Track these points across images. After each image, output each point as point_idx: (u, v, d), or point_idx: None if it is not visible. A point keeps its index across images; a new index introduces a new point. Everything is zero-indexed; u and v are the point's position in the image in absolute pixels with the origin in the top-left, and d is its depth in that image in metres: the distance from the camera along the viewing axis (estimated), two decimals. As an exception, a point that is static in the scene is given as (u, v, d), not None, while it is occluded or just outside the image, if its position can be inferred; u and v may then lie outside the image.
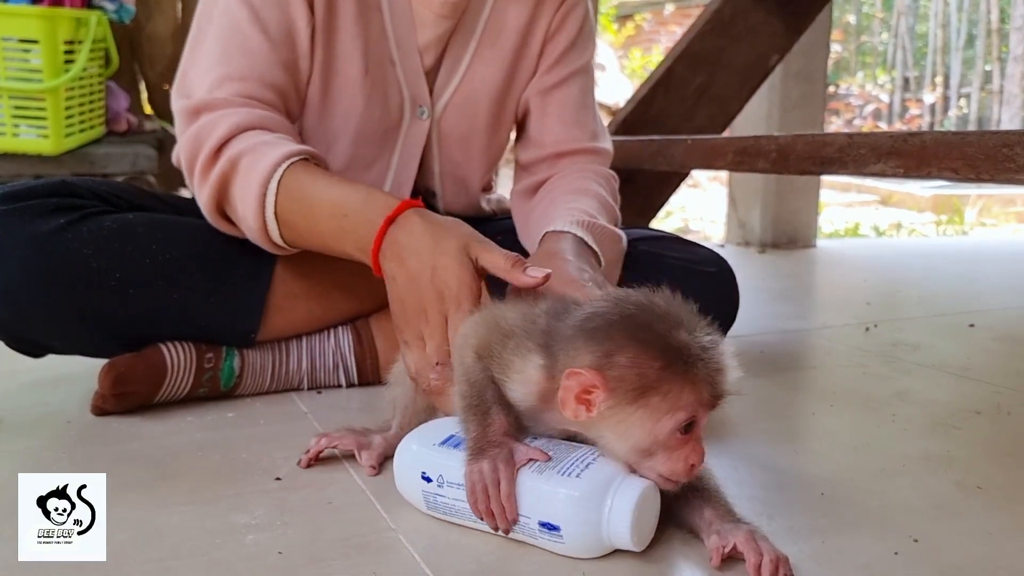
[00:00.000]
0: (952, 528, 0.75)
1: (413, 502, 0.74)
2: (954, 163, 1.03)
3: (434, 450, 0.73)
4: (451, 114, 1.13)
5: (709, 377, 0.64)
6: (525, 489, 0.67)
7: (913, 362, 1.33)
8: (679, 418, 0.63)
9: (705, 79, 1.90)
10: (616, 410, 0.64)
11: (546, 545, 0.67)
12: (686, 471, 0.66)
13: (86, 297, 0.96)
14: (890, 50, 9.57)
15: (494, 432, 0.68)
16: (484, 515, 0.67)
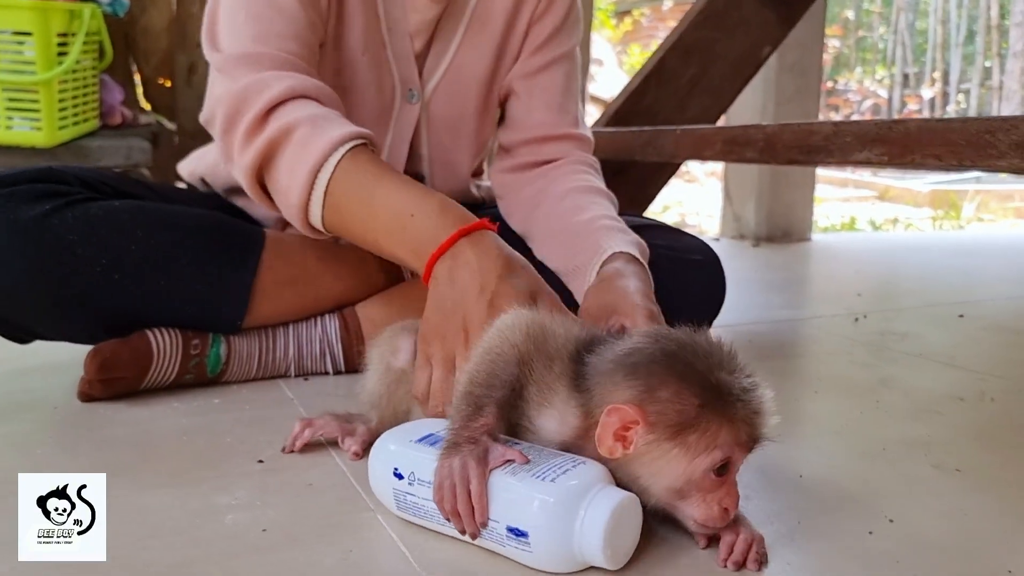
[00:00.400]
0: (928, 508, 0.75)
1: (385, 502, 0.71)
2: (937, 150, 1.04)
3: (409, 446, 0.69)
4: (440, 98, 1.13)
5: (748, 418, 0.63)
6: (495, 491, 0.62)
7: (900, 351, 1.34)
8: (715, 457, 0.62)
9: (697, 70, 1.90)
10: (653, 447, 0.62)
11: (513, 554, 0.63)
12: (720, 516, 0.63)
13: (72, 283, 0.97)
14: (889, 46, 9.56)
15: (476, 428, 0.64)
16: (451, 515, 0.63)
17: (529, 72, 1.15)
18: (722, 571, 0.64)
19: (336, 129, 0.87)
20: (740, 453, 0.64)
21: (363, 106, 1.09)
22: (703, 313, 1.14)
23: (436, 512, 0.65)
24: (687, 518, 0.64)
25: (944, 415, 1.01)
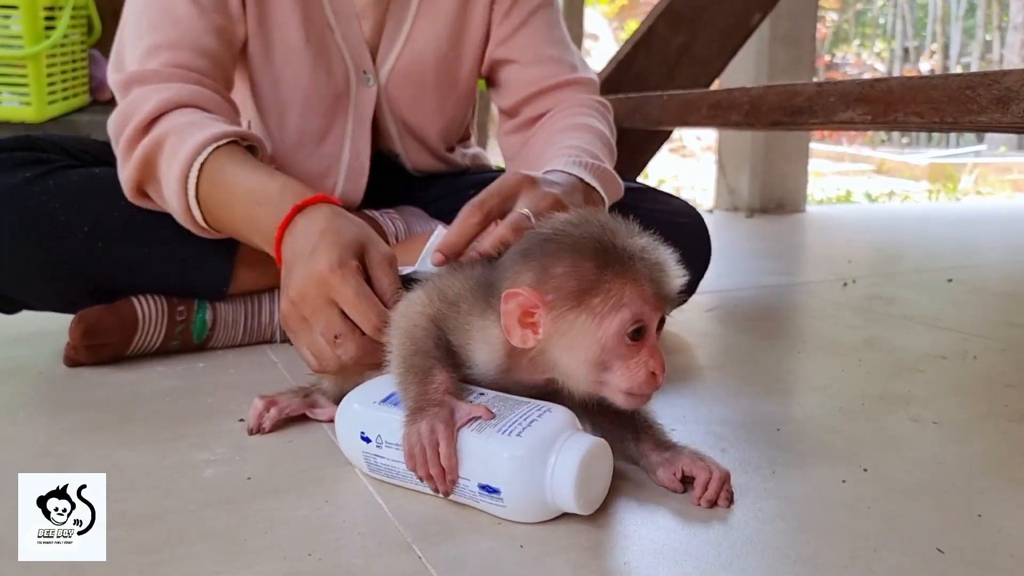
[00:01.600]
0: (902, 458, 0.76)
1: (356, 464, 0.71)
2: (920, 107, 1.03)
3: (373, 408, 0.69)
4: (398, 78, 1.12)
5: (651, 275, 0.62)
6: (464, 450, 0.62)
7: (886, 313, 1.34)
8: (624, 318, 0.60)
9: (686, 38, 1.89)
10: (560, 323, 0.61)
11: (488, 509, 0.63)
12: (647, 380, 0.62)
13: (54, 250, 0.97)
14: (889, 19, 9.49)
15: (435, 390, 0.64)
16: (424, 478, 0.63)
17: (507, 35, 1.14)
18: (691, 512, 0.64)
19: (203, 131, 0.89)
20: (651, 313, 0.62)
21: (314, 94, 1.09)
22: (690, 271, 1.14)
23: (408, 473, 0.65)
24: (617, 393, 0.63)
25: (925, 372, 1.02)
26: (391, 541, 0.60)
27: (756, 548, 0.59)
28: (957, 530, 0.62)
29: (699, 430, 0.82)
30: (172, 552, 0.58)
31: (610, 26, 7.27)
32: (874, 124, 1.12)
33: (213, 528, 0.61)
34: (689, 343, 1.18)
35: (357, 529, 0.62)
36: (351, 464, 0.73)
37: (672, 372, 1.02)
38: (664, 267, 0.63)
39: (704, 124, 1.42)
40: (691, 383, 1.01)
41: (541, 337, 0.62)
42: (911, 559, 0.58)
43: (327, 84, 1.09)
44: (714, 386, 0.98)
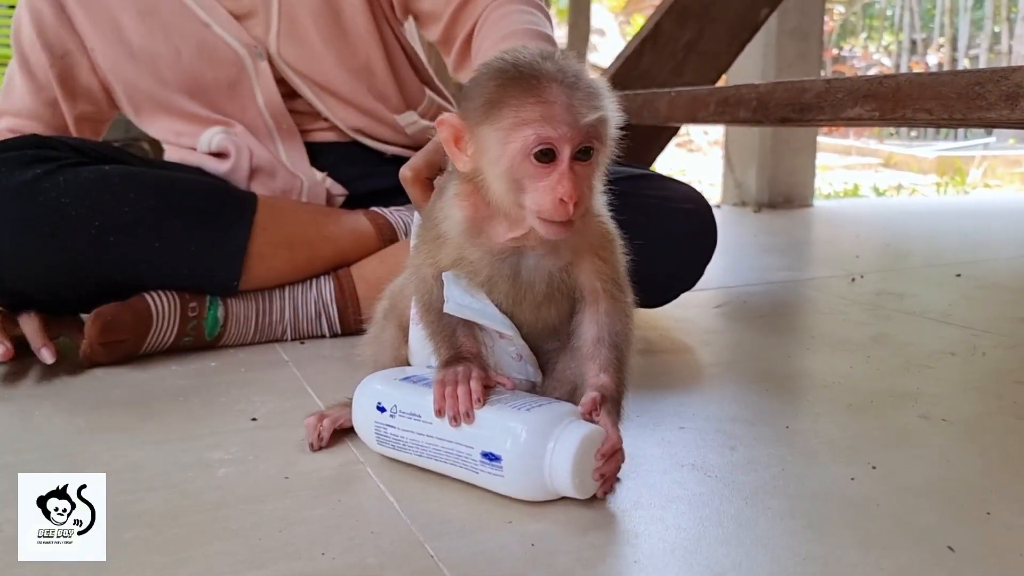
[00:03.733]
0: (911, 456, 0.76)
1: (366, 438, 0.73)
2: (928, 104, 1.03)
3: (393, 383, 0.73)
4: (286, 45, 1.17)
5: (564, 96, 0.60)
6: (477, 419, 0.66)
7: (895, 309, 1.34)
8: (526, 135, 0.60)
9: (694, 34, 1.88)
10: (478, 140, 0.63)
11: (486, 481, 0.65)
12: (554, 204, 0.61)
13: (66, 245, 0.98)
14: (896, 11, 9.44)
15: (466, 350, 0.69)
16: (440, 400, 0.66)
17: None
18: (702, 510, 0.65)
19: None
20: (559, 135, 0.60)
21: (212, 84, 1.17)
22: (695, 257, 1.16)
23: (413, 444, 0.68)
24: (534, 219, 0.63)
25: (934, 369, 1.02)
26: (404, 540, 0.60)
27: (766, 546, 0.60)
28: (967, 528, 0.62)
29: (708, 428, 0.82)
30: (188, 552, 0.59)
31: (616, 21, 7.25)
32: (882, 121, 1.11)
33: (228, 528, 0.62)
34: (698, 340, 1.18)
35: (370, 528, 0.62)
36: (363, 463, 0.73)
37: (681, 369, 1.03)
38: (581, 90, 0.61)
39: (712, 120, 1.42)
40: (700, 380, 1.01)
41: (470, 157, 0.64)
42: (921, 557, 0.58)
43: (219, 72, 1.17)
44: (723, 383, 0.99)
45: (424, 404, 0.68)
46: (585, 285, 0.71)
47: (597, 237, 0.71)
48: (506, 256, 0.69)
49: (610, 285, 0.71)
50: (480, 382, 0.66)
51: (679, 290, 1.18)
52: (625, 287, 0.73)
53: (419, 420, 0.69)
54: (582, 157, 0.62)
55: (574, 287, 0.71)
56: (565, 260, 0.69)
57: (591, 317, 0.71)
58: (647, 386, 0.96)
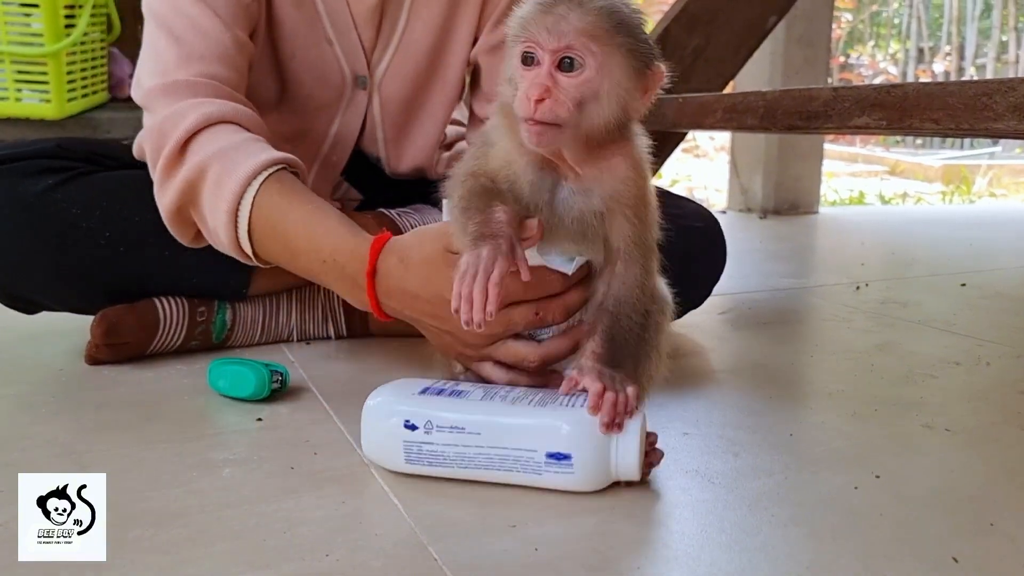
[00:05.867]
0: (914, 465, 0.76)
1: (386, 459, 0.71)
2: (935, 114, 1.03)
3: (416, 399, 0.71)
4: (391, 79, 1.13)
5: (559, 6, 0.65)
6: (529, 423, 0.67)
7: (899, 317, 1.34)
8: (518, 46, 0.66)
9: (702, 40, 1.89)
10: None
11: (552, 480, 0.67)
12: (524, 102, 0.64)
13: (76, 256, 0.98)
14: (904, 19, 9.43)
15: (498, 220, 0.67)
16: (463, 299, 0.65)
17: (493, 46, 1.13)
18: (705, 517, 0.65)
19: (249, 159, 0.87)
20: (541, 43, 0.65)
21: (307, 99, 1.09)
22: (705, 276, 1.16)
23: (455, 457, 0.68)
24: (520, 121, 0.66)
25: (938, 378, 1.02)
26: (408, 542, 0.61)
27: (768, 554, 0.60)
28: (970, 539, 0.62)
29: (712, 434, 0.82)
30: (192, 552, 0.59)
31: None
32: (889, 130, 1.11)
33: (232, 528, 0.62)
34: (703, 346, 1.18)
35: (374, 530, 0.62)
36: (367, 465, 0.74)
37: (686, 375, 1.03)
38: (578, 5, 0.65)
39: (719, 127, 1.42)
40: (705, 387, 1.01)
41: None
42: (924, 568, 0.58)
43: (320, 89, 1.10)
44: (727, 390, 0.99)
45: (466, 416, 0.68)
46: (611, 242, 0.72)
47: (632, 196, 0.71)
48: (545, 179, 0.70)
49: (632, 248, 0.71)
50: (502, 272, 0.65)
51: (688, 307, 1.19)
52: (649, 254, 0.73)
53: (464, 433, 0.68)
54: (566, 68, 0.65)
55: (605, 238, 0.72)
56: (596, 206, 0.70)
57: (605, 278, 0.73)
58: (652, 391, 0.96)
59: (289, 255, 0.88)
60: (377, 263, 0.80)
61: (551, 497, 0.68)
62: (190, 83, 0.92)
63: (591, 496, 0.68)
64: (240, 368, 0.89)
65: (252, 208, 0.86)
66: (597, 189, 0.70)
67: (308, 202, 0.88)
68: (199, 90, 0.92)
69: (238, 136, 0.90)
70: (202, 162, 0.88)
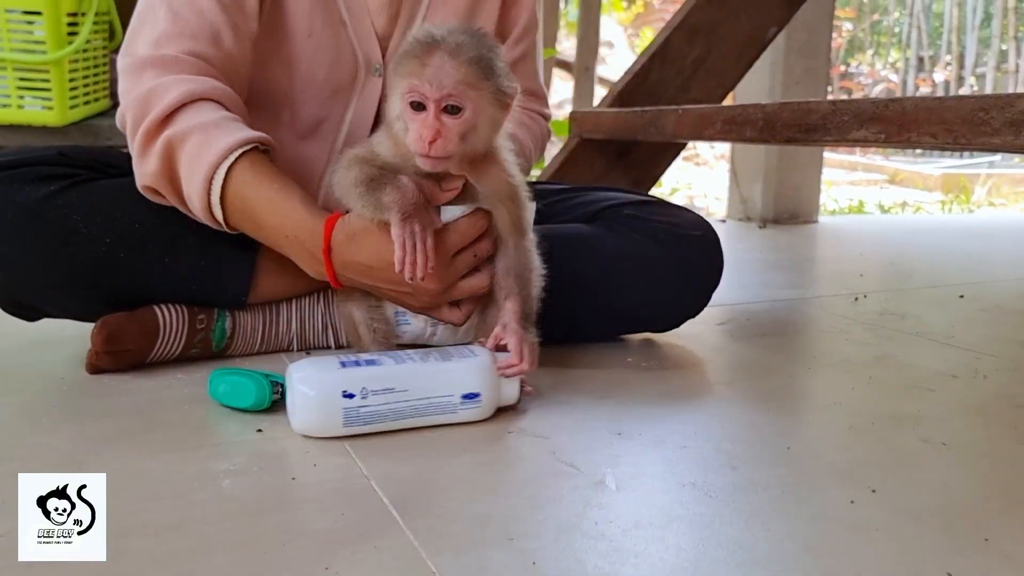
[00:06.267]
0: (911, 480, 0.77)
1: (325, 427, 0.82)
2: (933, 128, 1.04)
3: (346, 371, 0.82)
4: None
5: (438, 61, 0.79)
6: (443, 374, 0.85)
7: (897, 329, 1.35)
8: (402, 87, 0.81)
9: (702, 51, 1.90)
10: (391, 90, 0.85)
11: (463, 416, 0.85)
12: (416, 139, 0.80)
13: (77, 262, 0.99)
14: (904, 29, 9.46)
15: (412, 195, 0.85)
16: (408, 265, 0.83)
17: (513, 61, 1.17)
18: (701, 531, 0.65)
19: (226, 137, 0.93)
20: (424, 90, 0.80)
21: (324, 83, 1.09)
22: (702, 284, 1.17)
23: (387, 413, 0.83)
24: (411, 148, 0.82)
25: (936, 392, 1.02)
26: (407, 556, 0.61)
27: (765, 569, 0.60)
28: (966, 555, 0.63)
29: (709, 447, 0.83)
30: (192, 564, 0.59)
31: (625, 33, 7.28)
32: (887, 143, 1.12)
33: (232, 540, 0.63)
34: (700, 358, 1.19)
35: (373, 543, 0.63)
36: (367, 477, 0.74)
37: (684, 387, 1.04)
38: (454, 59, 0.80)
39: (719, 138, 1.43)
40: (702, 399, 1.02)
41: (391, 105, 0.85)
42: (919, 583, 0.59)
43: (332, 73, 1.10)
44: (725, 402, 0.99)
45: (393, 377, 0.83)
46: (499, 228, 0.93)
47: (506, 191, 0.91)
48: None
49: (514, 229, 0.93)
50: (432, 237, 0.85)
51: (685, 316, 1.20)
52: (527, 231, 0.95)
53: (394, 392, 0.83)
54: (452, 112, 0.81)
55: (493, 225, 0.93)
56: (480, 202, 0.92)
57: (503, 252, 0.94)
58: (650, 403, 0.97)
59: (256, 227, 0.97)
60: (331, 240, 0.92)
61: (548, 509, 0.68)
62: (178, 59, 0.96)
63: (589, 510, 0.68)
64: (241, 379, 0.90)
65: (225, 181, 0.93)
66: (480, 188, 0.90)
67: (275, 181, 0.95)
68: (185, 67, 0.96)
69: (217, 114, 0.95)
70: (183, 133, 0.93)
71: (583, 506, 0.69)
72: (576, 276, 1.13)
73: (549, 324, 1.16)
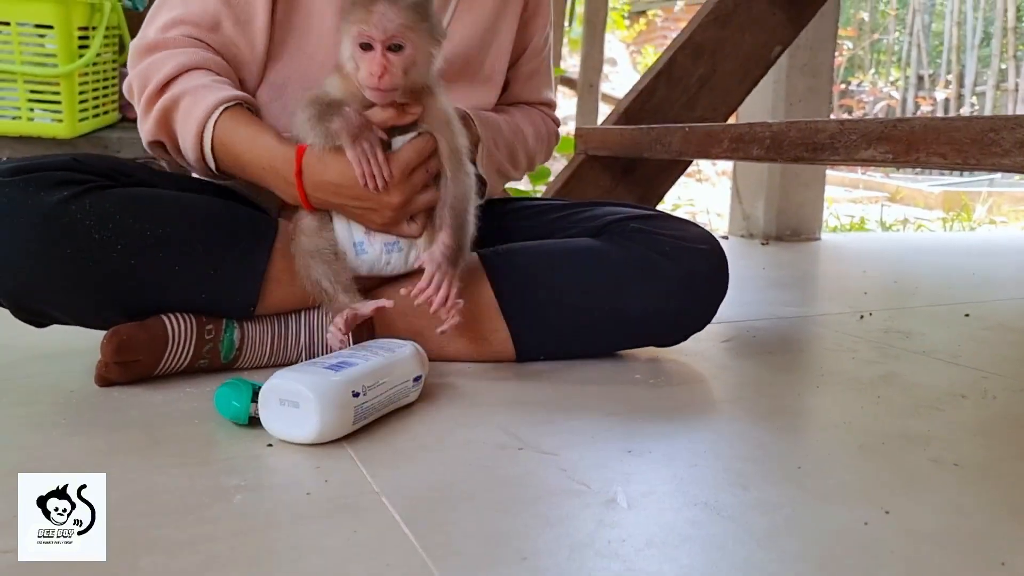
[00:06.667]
0: (924, 501, 0.76)
1: (338, 430, 0.85)
2: (942, 148, 1.05)
3: (344, 373, 0.87)
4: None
5: (382, 8, 0.93)
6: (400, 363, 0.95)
7: (903, 348, 1.35)
8: (352, 32, 0.95)
9: (707, 69, 1.91)
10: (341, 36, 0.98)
11: (410, 397, 0.97)
12: (367, 75, 0.95)
13: (89, 266, 0.99)
14: (904, 47, 9.52)
15: (356, 120, 0.97)
16: (369, 178, 0.98)
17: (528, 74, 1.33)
18: (713, 550, 0.65)
19: (213, 95, 1.06)
20: (371, 33, 0.93)
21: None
22: (709, 297, 1.18)
23: (376, 406, 0.90)
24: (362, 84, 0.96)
25: (945, 411, 1.02)
26: (419, 574, 0.61)
27: (780, 590, 0.60)
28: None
29: (720, 466, 0.83)
30: (207, 579, 0.59)
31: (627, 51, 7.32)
32: (895, 162, 1.13)
33: (244, 556, 0.63)
34: (707, 375, 1.19)
35: (385, 560, 0.63)
36: (378, 493, 0.74)
37: (692, 404, 1.04)
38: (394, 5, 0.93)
39: (725, 157, 1.43)
40: (710, 417, 1.01)
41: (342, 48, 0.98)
42: (934, 605, 0.58)
43: None
44: (733, 420, 0.99)
45: (379, 370, 0.91)
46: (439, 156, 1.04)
47: (443, 118, 1.04)
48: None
49: (452, 156, 1.04)
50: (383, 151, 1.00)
51: (692, 329, 1.20)
52: (464, 161, 1.05)
53: (383, 383, 0.91)
54: (395, 49, 0.95)
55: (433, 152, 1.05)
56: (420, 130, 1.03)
57: (442, 183, 1.05)
58: (659, 420, 0.97)
59: (240, 166, 1.08)
60: (302, 164, 1.02)
61: (560, 528, 0.68)
62: (177, 40, 1.10)
63: (601, 528, 0.68)
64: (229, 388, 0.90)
65: (213, 131, 1.06)
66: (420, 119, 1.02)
67: (253, 124, 1.08)
68: (182, 44, 1.10)
69: (206, 79, 1.09)
70: (175, 97, 1.07)
71: (595, 524, 0.69)
72: (583, 290, 1.14)
73: (557, 338, 1.17)
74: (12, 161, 1.05)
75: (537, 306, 1.15)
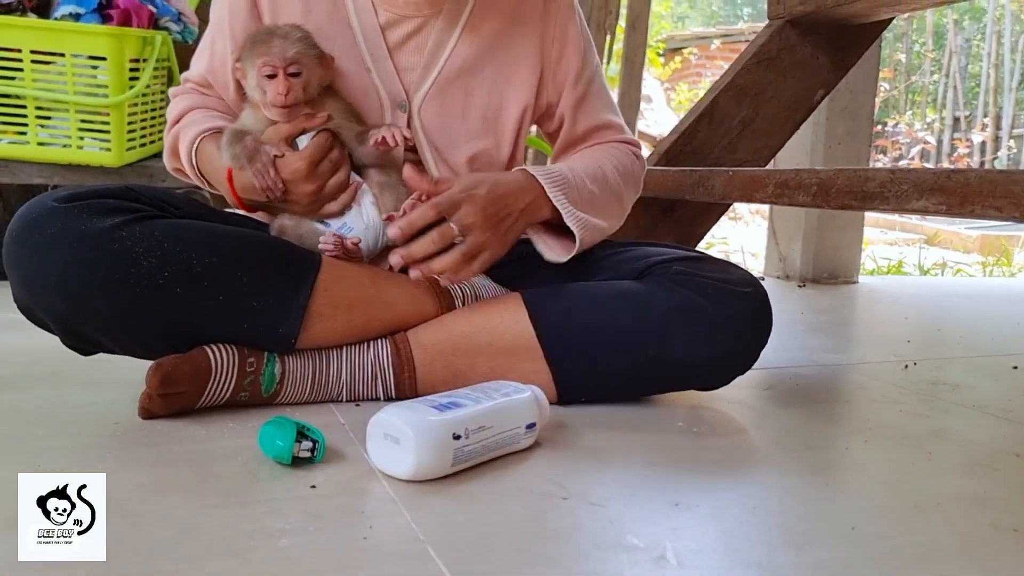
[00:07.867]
0: (984, 570, 0.74)
1: (438, 470, 0.87)
2: (998, 202, 1.03)
3: (449, 414, 0.88)
4: (428, 107, 1.24)
5: (278, 43, 1.11)
6: (511, 408, 0.95)
7: (952, 401, 1.32)
8: (257, 64, 1.12)
9: (749, 112, 1.91)
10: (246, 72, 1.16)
11: (523, 443, 0.96)
12: (275, 95, 1.12)
13: (135, 293, 1.00)
14: (940, 89, 9.46)
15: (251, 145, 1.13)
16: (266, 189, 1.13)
17: (575, 103, 1.31)
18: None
19: (196, 128, 1.23)
20: (276, 64, 1.11)
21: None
22: (752, 341, 1.16)
23: (480, 451, 0.90)
24: (269, 106, 1.14)
25: (1000, 471, 0.99)
26: (470, 630, 0.60)
27: (842, 662, 0.58)
28: (1051, 655, 0.60)
29: (771, 523, 0.81)
30: (255, 628, 0.59)
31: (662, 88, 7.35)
32: (949, 213, 1.11)
33: (292, 603, 0.62)
34: (750, 424, 1.17)
35: (434, 613, 0.62)
36: (423, 541, 0.73)
37: (736, 456, 1.02)
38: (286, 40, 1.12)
39: (770, 201, 1.42)
40: (758, 468, 0.99)
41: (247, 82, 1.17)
42: None
43: (365, 113, 1.22)
44: (781, 473, 0.97)
45: (487, 414, 0.91)
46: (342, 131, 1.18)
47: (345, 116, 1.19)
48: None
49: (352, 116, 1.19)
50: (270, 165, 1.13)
51: (734, 373, 1.18)
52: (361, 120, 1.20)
53: (490, 428, 0.91)
54: (293, 75, 1.11)
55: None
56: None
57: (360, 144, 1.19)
58: (705, 471, 0.95)
59: (211, 176, 1.23)
60: (231, 172, 1.16)
61: None
62: (194, 87, 1.32)
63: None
64: (273, 427, 0.90)
65: (195, 154, 1.23)
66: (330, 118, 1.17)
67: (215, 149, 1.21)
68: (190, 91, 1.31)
69: (200, 115, 1.26)
70: (177, 132, 1.27)
71: (646, 583, 0.67)
72: (627, 333, 1.13)
73: (599, 381, 1.16)
74: (66, 188, 1.08)
75: (580, 349, 1.14)
